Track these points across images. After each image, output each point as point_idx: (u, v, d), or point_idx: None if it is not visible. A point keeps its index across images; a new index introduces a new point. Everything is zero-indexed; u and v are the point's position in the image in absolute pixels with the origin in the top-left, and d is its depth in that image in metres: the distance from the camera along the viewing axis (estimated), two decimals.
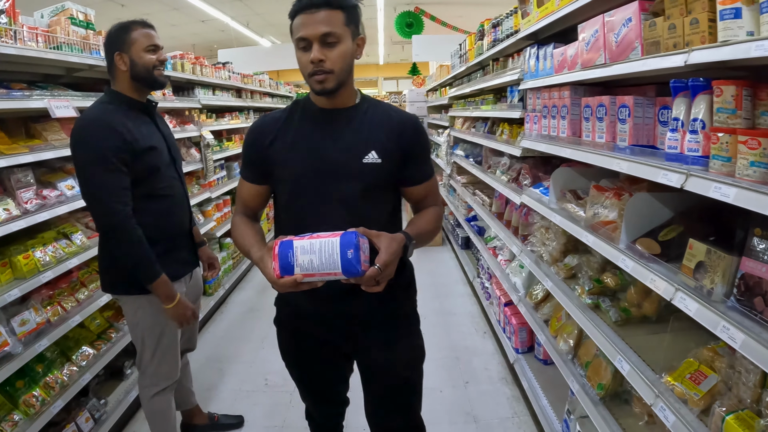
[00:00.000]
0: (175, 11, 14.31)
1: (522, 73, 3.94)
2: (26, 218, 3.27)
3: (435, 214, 2.40)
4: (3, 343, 2.97)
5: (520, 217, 4.21)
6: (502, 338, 4.68)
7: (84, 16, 4.21)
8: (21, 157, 3.28)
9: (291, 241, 1.86)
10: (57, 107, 3.49)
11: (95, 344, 3.88)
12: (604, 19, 2.49)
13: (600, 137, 2.68)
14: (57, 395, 3.33)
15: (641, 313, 2.70)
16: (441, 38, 12.12)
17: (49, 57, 3.59)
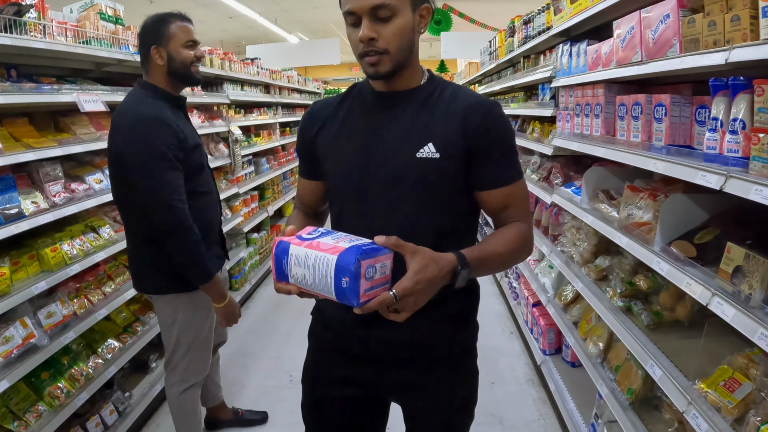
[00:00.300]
0: (203, 7, 14.36)
1: (554, 70, 3.88)
2: (54, 211, 3.27)
3: (516, 234, 1.78)
4: (29, 335, 2.98)
5: (550, 216, 4.16)
6: (530, 339, 4.63)
7: (113, 12, 4.22)
8: (49, 151, 3.28)
9: (288, 244, 1.48)
10: (86, 101, 3.50)
11: (121, 337, 3.90)
12: (641, 16, 2.43)
13: (635, 136, 2.63)
14: (82, 387, 3.34)
15: (674, 317, 2.63)
16: (470, 35, 12.04)
17: (78, 52, 3.60)
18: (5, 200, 3.03)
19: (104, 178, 3.84)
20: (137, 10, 13.06)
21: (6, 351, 2.83)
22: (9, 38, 2.97)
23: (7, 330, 2.89)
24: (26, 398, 3.10)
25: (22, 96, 3.10)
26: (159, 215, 2.64)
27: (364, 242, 1.43)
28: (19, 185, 3.21)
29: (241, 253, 6.31)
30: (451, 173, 1.72)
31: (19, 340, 2.91)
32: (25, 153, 3.11)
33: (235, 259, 6.09)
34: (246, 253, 6.51)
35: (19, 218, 3.02)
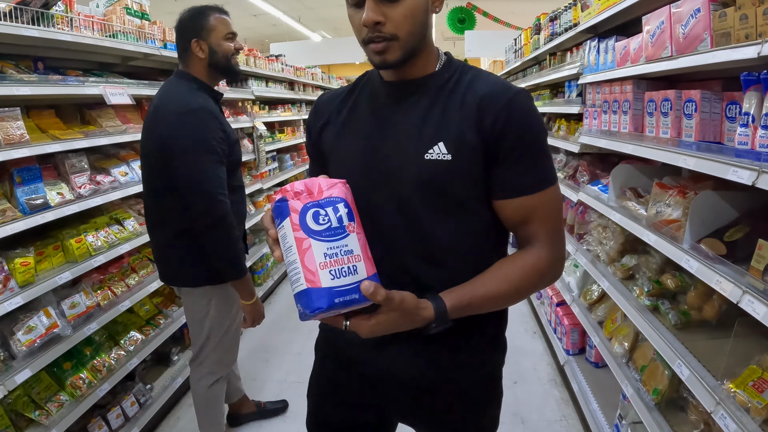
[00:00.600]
0: (227, 5, 14.14)
1: (581, 67, 3.84)
2: (79, 203, 3.30)
3: (529, 268, 1.50)
4: (52, 325, 3.02)
5: (576, 215, 4.12)
6: (553, 339, 4.59)
7: (139, 7, 4.28)
8: (75, 143, 3.32)
9: (286, 205, 1.27)
10: (112, 94, 3.54)
11: (143, 330, 3.93)
12: (671, 10, 2.39)
13: (664, 133, 2.59)
14: (103, 379, 3.37)
15: (701, 317, 2.58)
16: (494, 34, 11.98)
17: (105, 45, 3.64)
18: (31, 191, 3.07)
19: (129, 171, 3.88)
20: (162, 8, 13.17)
21: (29, 340, 2.87)
22: (36, 30, 3.00)
23: (30, 319, 2.93)
24: (48, 388, 3.14)
25: (49, 87, 3.14)
26: (203, 207, 2.61)
27: (345, 284, 1.22)
28: (45, 176, 3.25)
29: (265, 248, 6.32)
30: (467, 177, 1.46)
31: (42, 330, 2.95)
32: (52, 144, 3.14)
33: (258, 254, 6.14)
34: (269, 248, 6.47)
35: (44, 209, 3.06)
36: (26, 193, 3.05)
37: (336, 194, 1.29)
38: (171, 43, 4.55)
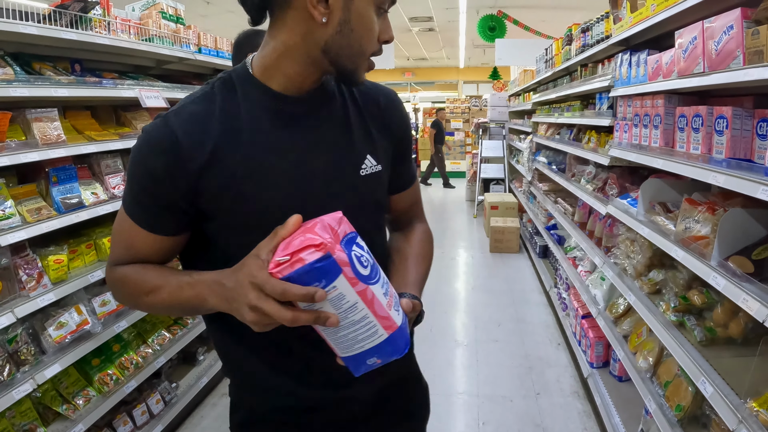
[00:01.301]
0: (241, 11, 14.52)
1: (613, 79, 3.83)
2: (113, 203, 3.37)
3: (430, 240, 1.70)
4: (83, 322, 3.08)
5: (604, 227, 4.10)
6: (577, 351, 4.57)
7: (174, 11, 4.34)
8: (110, 144, 3.40)
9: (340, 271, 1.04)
10: (147, 97, 3.62)
11: (171, 329, 3.99)
12: (704, 26, 2.39)
13: (695, 148, 2.58)
14: (131, 376, 3.43)
15: (727, 334, 2.57)
16: (524, 42, 11.95)
17: (141, 48, 3.72)
18: (66, 190, 3.15)
19: None
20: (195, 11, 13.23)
21: (60, 336, 2.94)
22: (75, 33, 3.07)
23: (62, 316, 3.00)
24: (76, 382, 3.21)
25: (85, 89, 3.21)
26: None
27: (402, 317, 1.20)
28: (80, 176, 3.32)
29: None
30: (386, 183, 1.53)
31: (73, 326, 3.02)
32: (87, 145, 3.22)
33: None
34: None
35: (78, 208, 3.14)
36: (61, 193, 3.12)
37: (348, 229, 1.14)
38: (205, 47, 4.62)
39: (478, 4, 13.97)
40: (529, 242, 8.38)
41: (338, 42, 1.26)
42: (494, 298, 6.52)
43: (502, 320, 5.79)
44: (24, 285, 2.81)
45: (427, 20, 17.00)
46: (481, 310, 6.16)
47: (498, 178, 11.49)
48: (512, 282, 7.16)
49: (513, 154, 11.14)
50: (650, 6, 3.01)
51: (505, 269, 7.74)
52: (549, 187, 6.80)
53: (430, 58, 25.91)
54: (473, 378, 4.61)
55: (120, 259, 1.38)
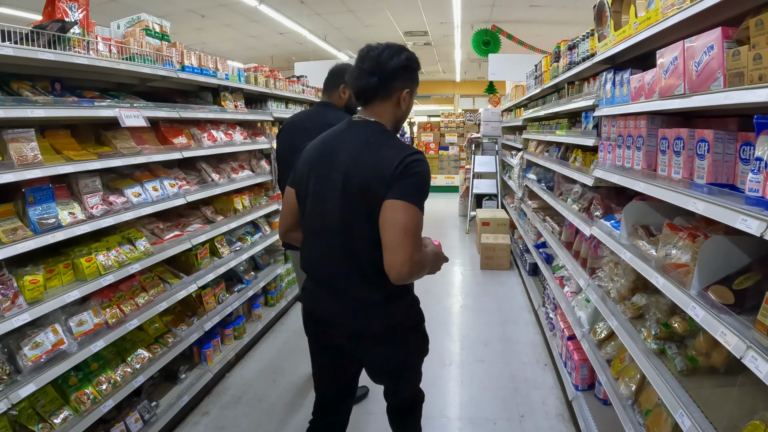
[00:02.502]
0: (254, 23, 14.55)
1: (597, 98, 3.77)
2: (90, 223, 3.37)
3: None
4: (59, 342, 3.09)
5: (589, 249, 4.03)
6: (563, 372, 4.49)
7: (160, 28, 4.31)
8: (88, 164, 3.38)
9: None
10: (127, 116, 3.61)
11: (151, 348, 3.96)
12: (684, 46, 2.32)
13: (676, 172, 2.50)
14: (108, 395, 3.42)
15: (709, 363, 2.49)
16: (518, 57, 11.94)
17: (120, 68, 3.70)
18: (43, 210, 3.14)
19: (143, 191, 3.95)
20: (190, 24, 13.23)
21: (35, 356, 2.95)
22: (52, 54, 3.08)
23: (38, 335, 3.01)
24: (53, 401, 3.20)
25: (63, 110, 3.20)
26: None
27: None
28: (58, 196, 3.31)
29: (279, 269, 6.35)
30: None
31: (48, 346, 3.03)
32: (65, 165, 3.21)
33: (272, 275, 6.15)
34: (283, 269, 6.52)
35: (55, 228, 3.13)
36: (38, 213, 3.11)
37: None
38: (189, 65, 4.57)
39: (472, 18, 14.00)
40: (519, 259, 8.30)
41: (403, 115, 2.67)
42: (483, 317, 6.43)
43: (490, 340, 5.70)
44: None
45: (422, 35, 17.03)
46: (469, 329, 6.06)
47: (490, 194, 11.44)
48: (502, 300, 7.07)
49: (505, 170, 11.08)
50: (632, 24, 2.95)
51: (495, 287, 7.65)
52: (538, 204, 6.74)
53: (426, 72, 25.96)
54: (456, 400, 4.52)
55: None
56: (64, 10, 3.31)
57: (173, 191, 4.28)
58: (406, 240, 2.23)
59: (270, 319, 6.04)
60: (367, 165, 2.35)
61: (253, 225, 5.98)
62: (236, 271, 5.51)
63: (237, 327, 5.30)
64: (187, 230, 4.55)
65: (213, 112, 5.07)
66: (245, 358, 5.32)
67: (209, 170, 5.08)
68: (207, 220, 4.98)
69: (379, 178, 2.29)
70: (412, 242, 2.25)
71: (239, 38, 16.72)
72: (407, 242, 2.23)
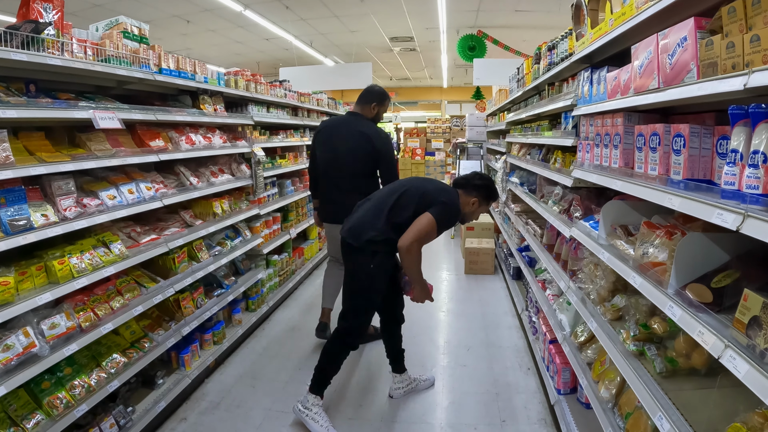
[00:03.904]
0: (240, 28, 14.52)
1: (575, 98, 3.73)
2: (63, 225, 3.32)
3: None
4: (30, 345, 3.04)
5: (570, 250, 3.99)
6: (545, 376, 4.43)
7: (138, 31, 4.27)
8: (61, 165, 3.34)
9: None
10: (101, 118, 3.57)
11: (127, 352, 3.91)
12: (658, 40, 2.27)
13: (653, 169, 2.45)
14: (82, 399, 3.36)
15: (689, 364, 2.43)
16: (502, 62, 11.95)
17: (96, 69, 3.65)
18: (15, 212, 3.10)
19: (118, 194, 3.90)
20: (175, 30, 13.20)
21: (6, 358, 2.88)
22: (25, 54, 3.04)
23: (8, 338, 2.95)
24: (26, 405, 3.16)
25: (37, 111, 3.16)
26: (395, 176, 5.29)
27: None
28: (31, 197, 3.28)
29: (260, 274, 6.30)
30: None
31: (19, 349, 2.97)
32: (37, 167, 3.17)
33: (253, 280, 6.09)
34: (265, 274, 6.45)
35: (26, 230, 3.08)
36: (9, 214, 3.06)
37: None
38: (167, 68, 4.51)
39: (458, 23, 14.02)
40: (504, 263, 8.26)
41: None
42: (466, 322, 6.38)
43: (473, 344, 5.64)
44: None
45: (408, 40, 17.03)
46: (452, 334, 6.00)
47: None
48: (485, 305, 7.02)
49: (490, 174, 11.03)
50: (608, 21, 2.90)
51: (479, 291, 7.60)
52: (521, 208, 6.70)
53: (413, 78, 26.00)
54: (437, 405, 4.45)
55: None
56: (39, 11, 3.27)
57: (150, 194, 4.21)
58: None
59: (251, 325, 5.97)
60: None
61: (233, 229, 5.90)
62: (216, 275, 5.43)
63: (216, 332, 5.22)
64: (164, 234, 4.48)
65: (191, 115, 5.00)
66: (225, 363, 5.24)
67: (188, 174, 5.01)
68: (185, 224, 4.91)
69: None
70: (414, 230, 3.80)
71: (225, 44, 16.70)
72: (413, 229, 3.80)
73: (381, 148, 5.21)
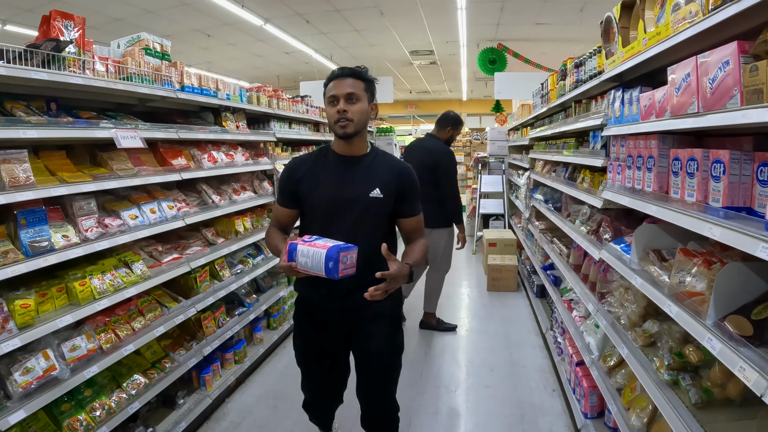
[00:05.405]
0: (260, 42, 14.57)
1: (605, 117, 3.66)
2: (84, 246, 3.30)
3: (423, 246, 3.10)
4: (50, 368, 3.02)
5: (598, 272, 3.90)
6: (571, 399, 4.34)
7: (160, 47, 4.27)
8: (82, 186, 3.32)
9: (296, 244, 2.58)
10: (123, 137, 3.55)
11: (148, 373, 3.88)
12: (698, 61, 2.20)
13: (690, 195, 2.37)
14: (102, 422, 3.34)
15: (724, 394, 2.36)
16: (523, 76, 11.87)
17: (117, 88, 3.64)
18: (35, 233, 3.09)
19: (140, 214, 3.88)
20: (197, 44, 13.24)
21: (26, 382, 2.88)
22: (45, 73, 3.02)
23: (28, 361, 2.94)
24: (45, 427, 3.17)
25: (57, 130, 3.15)
26: (453, 190, 6.23)
27: (340, 244, 2.54)
28: (52, 218, 3.26)
29: (281, 291, 6.28)
30: (387, 206, 2.97)
31: (39, 372, 2.96)
32: (58, 187, 3.15)
33: (275, 297, 6.08)
34: (286, 291, 6.43)
35: (47, 251, 3.06)
36: (30, 236, 3.05)
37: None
38: (189, 85, 4.49)
39: (478, 37, 13.98)
40: (527, 280, 8.16)
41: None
42: (489, 341, 6.30)
43: (496, 364, 5.57)
44: None
45: (428, 54, 17.03)
46: (475, 353, 5.93)
47: (497, 214, 11.32)
48: (508, 323, 6.93)
49: (512, 190, 10.98)
50: (641, 40, 2.84)
51: (501, 309, 7.51)
52: (545, 225, 6.62)
53: (432, 91, 26.00)
54: (460, 428, 4.38)
55: (272, 222, 3.21)
56: (60, 29, 3.26)
57: (172, 213, 4.19)
58: None
59: (272, 343, 5.93)
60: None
61: (255, 247, 5.87)
62: (237, 294, 5.40)
63: (237, 351, 5.18)
64: (186, 253, 4.45)
65: (213, 133, 4.98)
66: (246, 382, 5.20)
67: (210, 192, 4.99)
68: (207, 243, 4.88)
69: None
70: None
71: (245, 57, 16.77)
72: None
73: (439, 160, 6.11)
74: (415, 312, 6.94)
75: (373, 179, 2.93)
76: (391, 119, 30.08)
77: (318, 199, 2.94)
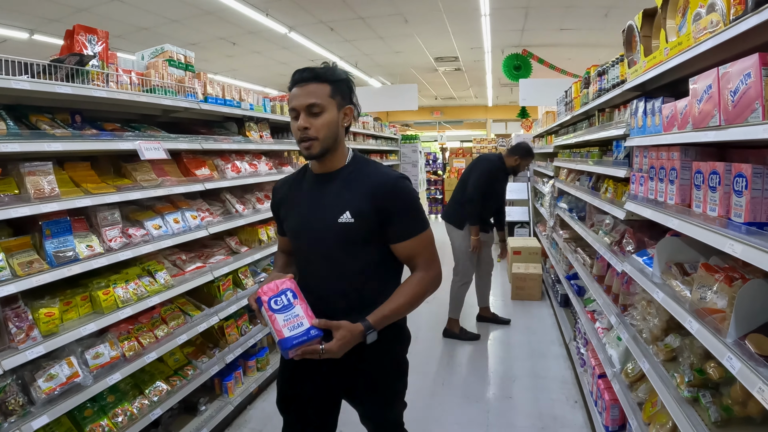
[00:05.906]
0: (284, 50, 14.61)
1: (628, 127, 3.61)
2: (108, 256, 3.35)
3: (415, 284, 2.48)
4: (74, 375, 3.07)
5: (621, 284, 3.85)
6: (593, 411, 4.28)
7: (184, 58, 4.31)
8: (107, 197, 3.38)
9: (261, 304, 2.28)
10: (147, 149, 3.59)
11: (170, 380, 3.91)
12: (719, 73, 2.15)
13: (712, 210, 2.32)
14: (124, 427, 3.38)
15: (745, 412, 2.30)
16: (548, 82, 11.83)
17: (140, 100, 3.68)
18: (60, 243, 3.14)
19: (164, 224, 3.92)
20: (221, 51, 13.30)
21: (49, 388, 2.93)
22: (69, 87, 3.07)
23: (52, 368, 3.00)
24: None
25: (82, 143, 3.20)
26: (470, 192, 6.38)
27: (297, 333, 2.20)
28: (76, 228, 3.31)
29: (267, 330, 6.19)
30: (363, 232, 2.40)
31: (63, 379, 3.01)
32: (82, 198, 3.21)
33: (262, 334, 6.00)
34: None
35: (72, 261, 3.11)
36: (55, 246, 3.10)
37: (285, 287, 2.31)
38: (212, 96, 4.52)
39: (503, 43, 13.93)
40: (551, 289, 8.10)
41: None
42: (512, 351, 6.27)
43: (519, 375, 5.53)
44: (13, 337, 2.80)
45: (453, 60, 17.00)
46: (498, 363, 5.90)
47: (522, 221, 11.26)
48: (532, 333, 6.88)
49: (537, 197, 10.91)
50: (663, 50, 2.79)
51: (525, 318, 7.45)
52: (569, 234, 6.55)
53: (458, 97, 25.95)
54: None
55: (279, 248, 2.94)
56: (83, 43, 3.32)
57: (195, 223, 4.21)
58: None
59: None
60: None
61: None
62: None
63: (260, 359, 5.19)
64: (209, 262, 4.47)
65: (237, 143, 5.01)
66: (267, 390, 5.21)
67: (233, 201, 5.01)
68: (231, 251, 4.91)
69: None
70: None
71: (270, 65, 16.83)
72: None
73: (482, 167, 6.55)
74: (438, 319, 6.92)
75: (343, 201, 2.40)
76: (417, 125, 30.07)
77: (291, 226, 2.60)
